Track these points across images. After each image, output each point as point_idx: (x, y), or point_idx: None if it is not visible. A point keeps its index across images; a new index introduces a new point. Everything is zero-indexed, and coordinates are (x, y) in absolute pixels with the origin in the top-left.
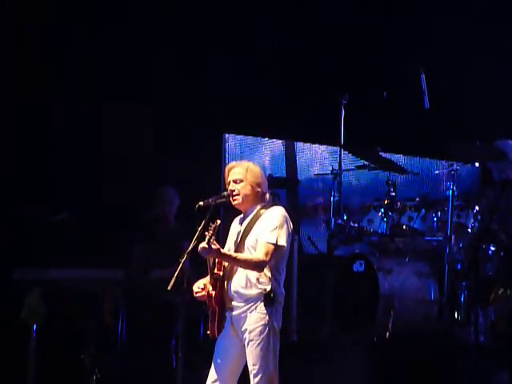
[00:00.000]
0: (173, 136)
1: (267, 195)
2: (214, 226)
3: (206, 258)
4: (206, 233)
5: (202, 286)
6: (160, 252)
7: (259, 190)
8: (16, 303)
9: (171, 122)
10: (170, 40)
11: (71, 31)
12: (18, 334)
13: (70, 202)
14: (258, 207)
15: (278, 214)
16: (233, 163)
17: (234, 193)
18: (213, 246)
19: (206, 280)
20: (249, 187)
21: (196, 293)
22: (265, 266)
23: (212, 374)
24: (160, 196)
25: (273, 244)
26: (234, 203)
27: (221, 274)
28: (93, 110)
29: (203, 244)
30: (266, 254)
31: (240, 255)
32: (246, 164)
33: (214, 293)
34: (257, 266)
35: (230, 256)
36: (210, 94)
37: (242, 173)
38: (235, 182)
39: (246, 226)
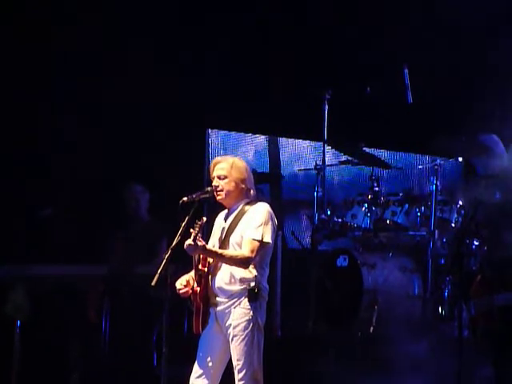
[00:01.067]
0: (156, 131)
1: (252, 191)
2: (200, 223)
3: (192, 255)
4: (192, 230)
5: (184, 283)
6: (136, 248)
7: (243, 186)
8: (1, 299)
9: (154, 117)
10: (154, 33)
11: None
12: (2, 330)
13: (55, 198)
14: (243, 203)
15: (263, 210)
16: (218, 158)
17: (218, 189)
18: (198, 243)
19: (189, 276)
20: (233, 183)
21: (179, 290)
22: (251, 263)
23: (196, 370)
24: (128, 194)
25: (258, 241)
26: (217, 199)
27: (205, 269)
28: (75, 106)
29: (189, 241)
30: (252, 251)
31: (226, 252)
32: (231, 159)
33: (198, 289)
34: (242, 262)
35: (215, 252)
36: (194, 89)
37: (226, 168)
38: (219, 177)
39: (231, 223)
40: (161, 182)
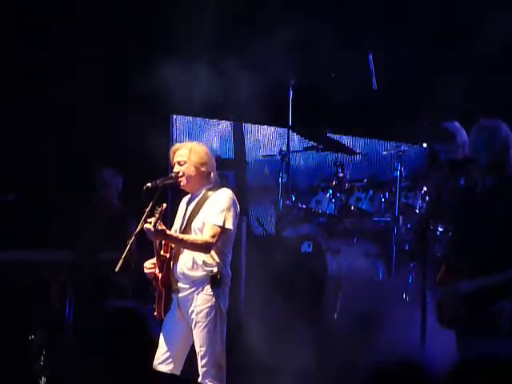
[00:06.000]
0: (120, 117)
1: (212, 175)
2: (160, 209)
3: (153, 240)
4: (153, 218)
5: (154, 262)
6: (105, 234)
7: (204, 169)
8: None
9: (119, 104)
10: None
11: None
12: None
13: (17, 183)
14: (205, 189)
15: (225, 196)
16: (177, 145)
17: (179, 174)
18: (159, 227)
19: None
20: (192, 168)
21: (148, 268)
22: (212, 248)
23: (159, 356)
24: (98, 179)
25: (220, 226)
26: (180, 185)
27: (167, 255)
28: (37, 91)
29: (148, 225)
30: (213, 236)
31: (186, 237)
32: (189, 145)
33: (160, 275)
34: (203, 247)
35: (176, 237)
36: (158, 75)
37: (185, 154)
38: (179, 163)
39: (193, 208)
40: (125, 169)
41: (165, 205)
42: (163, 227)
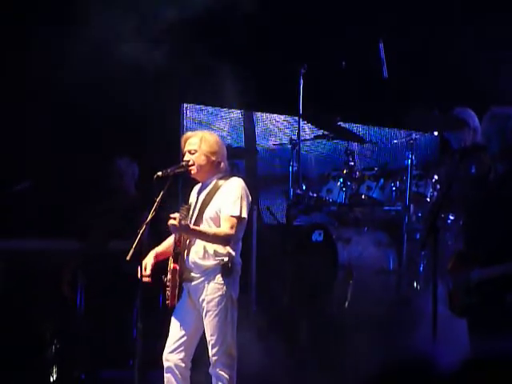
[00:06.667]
0: (131, 105)
1: (223, 164)
2: (186, 207)
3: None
4: (178, 214)
5: (148, 271)
6: (119, 223)
7: (214, 159)
8: None
9: (130, 92)
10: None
11: None
12: None
13: (30, 172)
14: (216, 178)
15: (237, 185)
16: (188, 133)
17: (190, 163)
18: (183, 222)
19: (152, 257)
20: (203, 157)
21: (144, 276)
22: (232, 240)
23: (169, 345)
24: (113, 168)
25: (236, 217)
26: (191, 174)
27: (181, 246)
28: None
29: (173, 222)
30: (232, 227)
31: (208, 230)
32: (200, 134)
33: (173, 265)
34: (225, 239)
35: (199, 231)
36: (168, 63)
37: (196, 143)
38: (190, 152)
39: (205, 198)
40: (136, 157)
41: (192, 205)
42: (187, 222)
